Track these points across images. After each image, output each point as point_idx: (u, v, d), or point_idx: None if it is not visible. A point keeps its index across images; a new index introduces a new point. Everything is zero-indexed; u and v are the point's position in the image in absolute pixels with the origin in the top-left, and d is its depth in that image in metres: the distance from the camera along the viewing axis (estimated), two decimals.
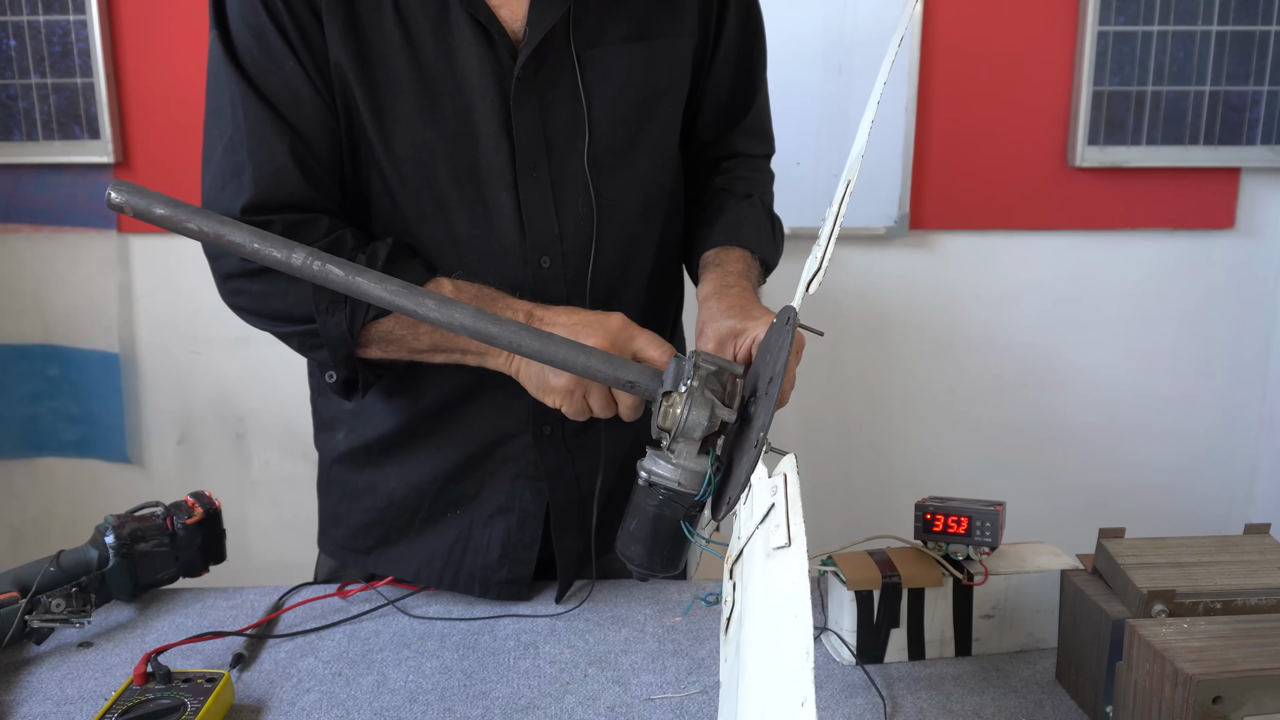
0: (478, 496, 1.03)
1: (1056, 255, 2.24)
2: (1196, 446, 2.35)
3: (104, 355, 2.17)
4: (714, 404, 0.76)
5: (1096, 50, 2.09)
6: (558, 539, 1.04)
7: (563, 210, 0.96)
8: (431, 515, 1.04)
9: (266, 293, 0.91)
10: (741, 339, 0.89)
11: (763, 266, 1.07)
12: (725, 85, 1.07)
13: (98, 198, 2.11)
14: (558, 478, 1.02)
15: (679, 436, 0.77)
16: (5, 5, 2.00)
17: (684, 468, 0.77)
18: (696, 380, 0.77)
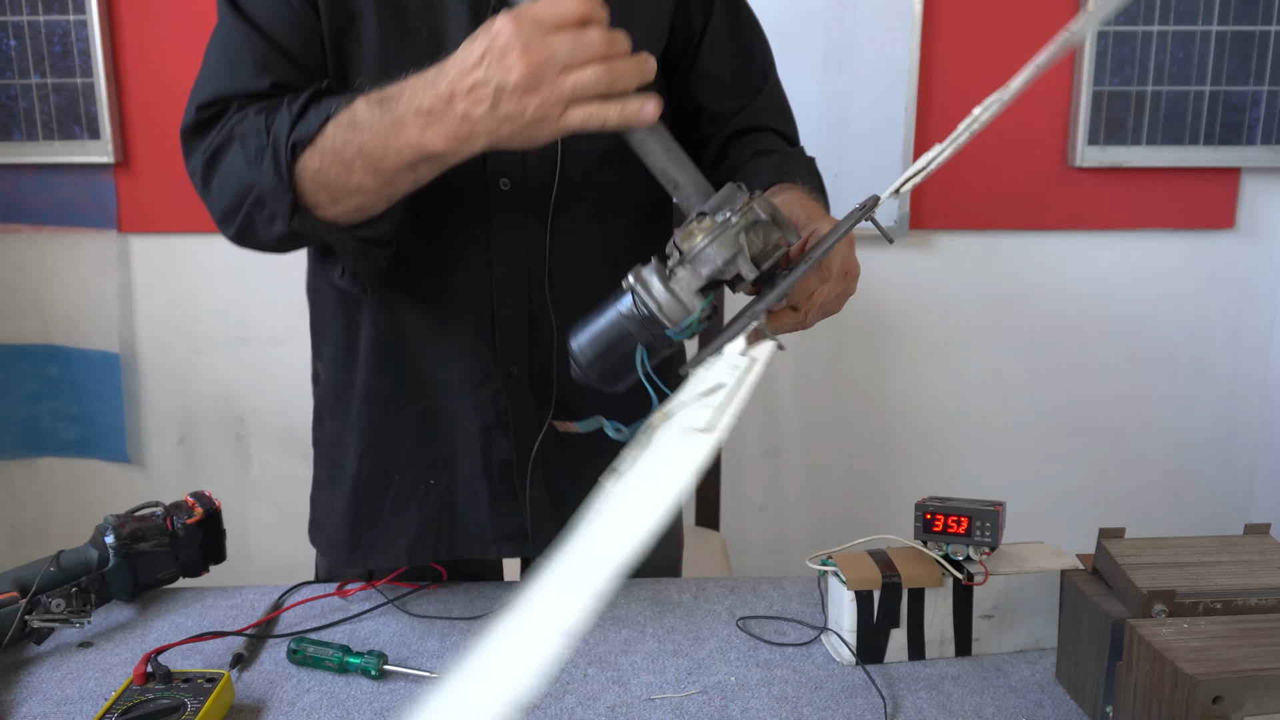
0: (452, 459, 1.02)
1: (1057, 255, 2.24)
2: (1196, 446, 2.35)
3: (104, 355, 2.17)
4: (741, 250, 0.69)
5: (1096, 50, 2.09)
6: (523, 487, 1.03)
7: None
8: (404, 489, 1.03)
9: (222, 182, 0.88)
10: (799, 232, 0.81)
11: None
12: (723, 61, 1.05)
13: (98, 198, 2.11)
14: (524, 421, 1.02)
15: (687, 263, 0.70)
16: (5, 5, 2.00)
17: (675, 296, 0.70)
18: (738, 218, 0.69)
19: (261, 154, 0.83)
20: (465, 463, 1.03)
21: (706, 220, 0.71)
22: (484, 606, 1.01)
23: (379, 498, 1.04)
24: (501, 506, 1.03)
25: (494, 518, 1.03)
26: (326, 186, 0.82)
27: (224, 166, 0.87)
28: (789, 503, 2.35)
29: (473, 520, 1.03)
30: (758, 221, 0.70)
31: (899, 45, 2.07)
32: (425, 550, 1.04)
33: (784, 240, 0.74)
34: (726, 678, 0.88)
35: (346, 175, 0.81)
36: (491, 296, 0.99)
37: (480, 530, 1.03)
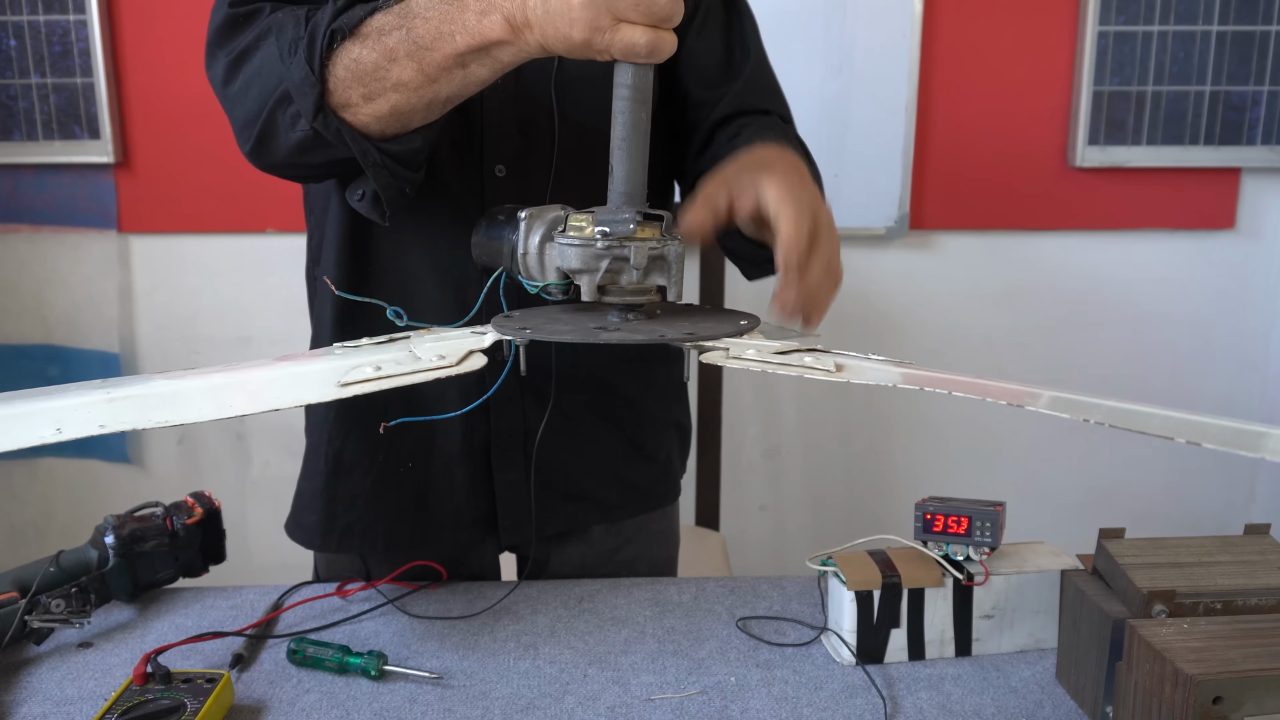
0: (431, 442, 1.03)
1: (1057, 255, 2.24)
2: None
3: (104, 355, 2.17)
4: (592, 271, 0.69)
5: (1097, 50, 2.09)
6: (499, 472, 1.03)
7: (524, 124, 0.96)
8: (385, 472, 1.03)
9: (247, 82, 0.82)
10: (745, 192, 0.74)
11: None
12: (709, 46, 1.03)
13: (98, 197, 2.11)
14: (503, 407, 1.02)
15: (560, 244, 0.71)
16: (5, 5, 2.00)
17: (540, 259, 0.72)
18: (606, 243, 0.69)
19: (296, 45, 0.77)
20: (445, 448, 1.03)
21: (590, 222, 0.71)
22: (483, 607, 1.01)
23: (359, 480, 1.05)
24: (476, 491, 1.04)
25: (470, 501, 1.04)
26: (363, 79, 0.76)
27: (253, 63, 0.82)
28: (789, 503, 2.35)
29: (449, 505, 1.05)
30: (623, 258, 0.70)
31: (899, 45, 2.07)
32: (401, 535, 1.05)
33: (656, 291, 0.73)
34: (726, 678, 0.88)
35: (388, 66, 0.75)
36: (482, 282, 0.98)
37: (455, 515, 1.05)
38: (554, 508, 1.07)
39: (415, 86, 0.76)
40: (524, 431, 1.04)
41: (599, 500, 1.11)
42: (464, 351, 0.68)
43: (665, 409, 1.16)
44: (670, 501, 1.19)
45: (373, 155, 0.80)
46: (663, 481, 1.17)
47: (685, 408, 1.20)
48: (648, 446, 1.13)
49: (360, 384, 0.63)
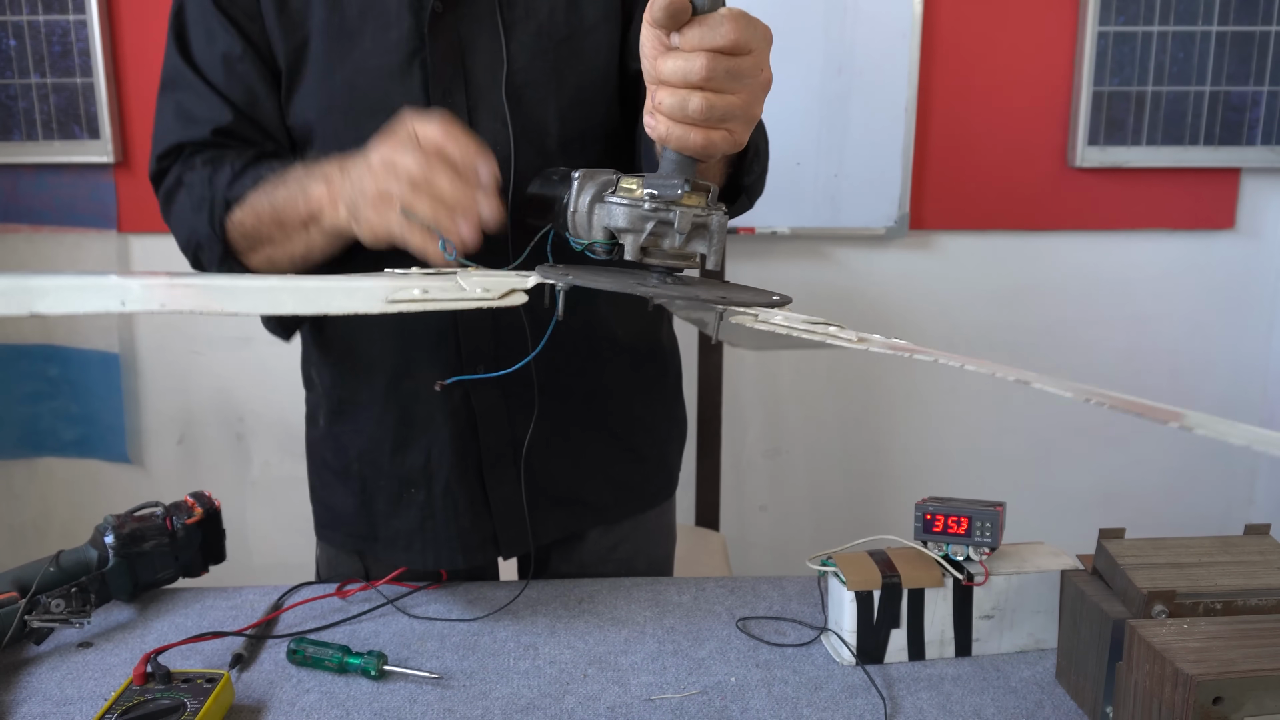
0: (427, 466, 1.04)
1: (1057, 255, 2.24)
2: (1196, 447, 2.35)
3: (104, 355, 2.17)
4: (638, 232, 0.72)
5: (1096, 50, 2.09)
6: (492, 487, 1.04)
7: (478, 131, 0.96)
8: (391, 496, 1.05)
9: (176, 222, 0.98)
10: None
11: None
12: None
13: (98, 197, 2.11)
14: (490, 419, 1.02)
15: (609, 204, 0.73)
16: (5, 5, 2.00)
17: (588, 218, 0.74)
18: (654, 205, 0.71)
19: (201, 205, 0.93)
20: (439, 471, 1.04)
21: (640, 185, 0.72)
22: (484, 607, 1.01)
23: (376, 502, 1.07)
24: (478, 510, 1.05)
25: (474, 523, 1.05)
26: (245, 236, 0.92)
27: (176, 208, 0.97)
28: (789, 503, 2.35)
29: (455, 527, 1.05)
30: (668, 222, 0.71)
31: (899, 45, 2.07)
32: (416, 555, 1.06)
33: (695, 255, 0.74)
34: (726, 678, 0.88)
35: (258, 227, 0.90)
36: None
37: (463, 537, 1.05)
38: (549, 515, 1.07)
39: (278, 243, 0.91)
40: (512, 443, 1.04)
41: (593, 504, 1.11)
42: (507, 288, 0.69)
43: (657, 408, 1.15)
44: (665, 499, 1.19)
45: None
46: (656, 479, 1.17)
47: (679, 405, 1.20)
48: (639, 446, 1.13)
49: (408, 303, 0.65)
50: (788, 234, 2.14)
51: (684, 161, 0.72)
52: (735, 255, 2.14)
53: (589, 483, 1.10)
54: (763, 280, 2.21)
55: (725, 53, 0.66)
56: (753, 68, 0.68)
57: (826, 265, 2.20)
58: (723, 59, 0.66)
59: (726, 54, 0.66)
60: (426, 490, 1.05)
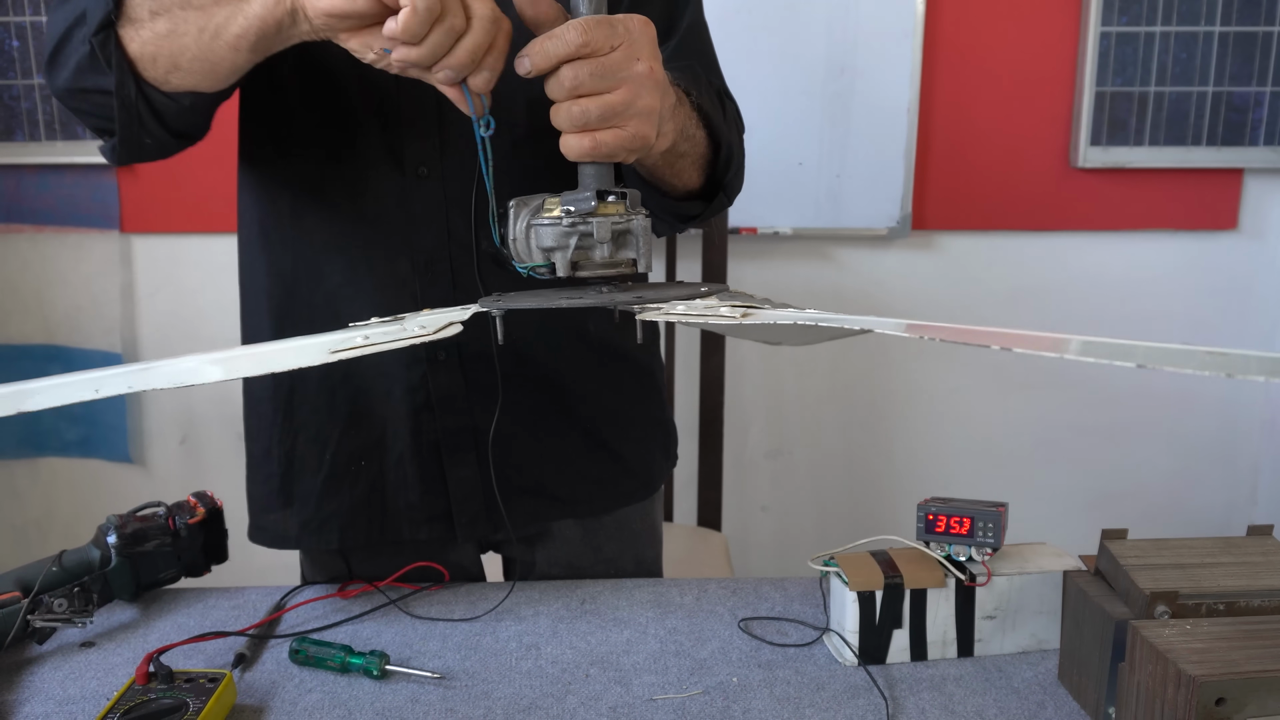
0: (382, 441, 1.03)
1: (1059, 256, 2.24)
2: (1199, 447, 2.35)
3: (106, 355, 2.17)
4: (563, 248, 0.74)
5: (1099, 51, 2.09)
6: (451, 468, 1.04)
7: (444, 123, 0.95)
8: (336, 470, 1.04)
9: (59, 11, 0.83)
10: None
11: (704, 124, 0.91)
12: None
13: (100, 198, 2.11)
14: (449, 404, 1.02)
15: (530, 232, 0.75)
16: (8, 6, 2.00)
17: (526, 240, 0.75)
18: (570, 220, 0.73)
19: None
20: (395, 445, 1.03)
21: (560, 203, 0.74)
22: (485, 607, 1.01)
23: (311, 478, 1.05)
24: (430, 488, 1.04)
25: (424, 499, 1.04)
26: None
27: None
28: (791, 503, 2.35)
29: (403, 502, 1.05)
30: (590, 234, 0.73)
31: (901, 46, 2.07)
32: (357, 532, 1.05)
33: (629, 262, 0.75)
34: (728, 678, 0.88)
35: None
36: (416, 283, 0.99)
37: (410, 512, 1.05)
38: (512, 504, 1.05)
39: (197, 4, 0.77)
40: (473, 429, 1.03)
41: (560, 496, 1.09)
42: (445, 322, 0.71)
43: (630, 406, 1.13)
44: (642, 498, 1.16)
45: (129, 88, 0.81)
46: (631, 478, 1.14)
47: (657, 405, 1.17)
48: (610, 443, 1.10)
49: (349, 350, 0.67)
50: (790, 234, 2.14)
51: (596, 172, 0.75)
52: (737, 255, 2.14)
53: (554, 474, 1.08)
54: (764, 281, 2.21)
55: (581, 57, 0.69)
56: (620, 63, 0.70)
57: (829, 266, 2.20)
58: (582, 64, 0.69)
59: (584, 58, 0.69)
60: (379, 463, 1.04)
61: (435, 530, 1.06)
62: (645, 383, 1.15)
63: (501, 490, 1.04)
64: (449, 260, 0.98)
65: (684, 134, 0.86)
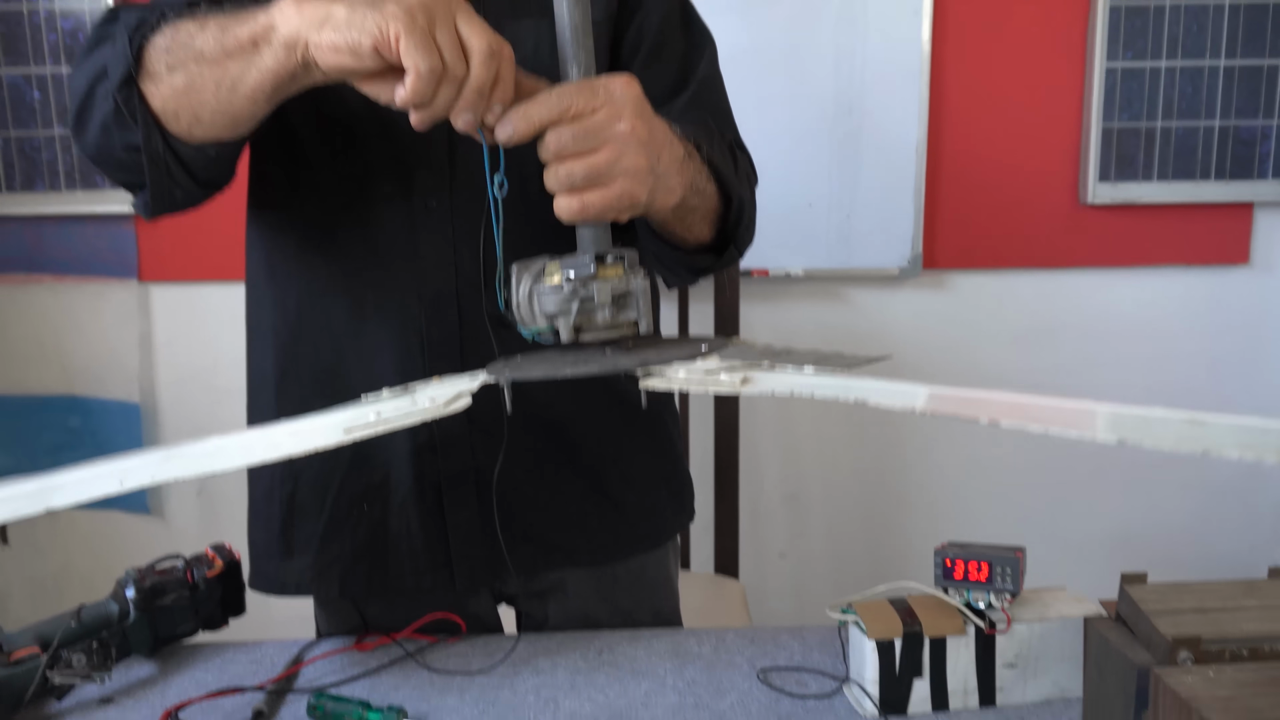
0: (385, 483, 1.02)
1: (1071, 292, 2.24)
2: (1219, 488, 2.33)
3: (124, 405, 2.18)
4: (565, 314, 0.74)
5: (1105, 87, 2.10)
6: (451, 512, 1.03)
7: (454, 156, 0.96)
8: (337, 515, 1.04)
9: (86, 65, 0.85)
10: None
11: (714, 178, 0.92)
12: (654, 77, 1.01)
13: (118, 247, 2.14)
14: (452, 444, 1.01)
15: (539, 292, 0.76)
16: (29, 57, 2.04)
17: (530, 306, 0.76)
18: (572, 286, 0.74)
19: (124, 31, 0.81)
20: (398, 488, 1.03)
21: (559, 268, 0.75)
22: (500, 655, 1.00)
23: (312, 523, 1.05)
24: (431, 533, 1.03)
25: (425, 545, 1.03)
26: (171, 48, 0.79)
27: (99, 50, 0.84)
28: (809, 549, 2.33)
29: (405, 548, 1.04)
30: (590, 299, 0.74)
31: (908, 86, 2.08)
32: (358, 580, 1.04)
33: (631, 323, 0.76)
34: None
35: (196, 33, 0.78)
36: (422, 319, 0.99)
37: (412, 559, 1.04)
38: (513, 550, 1.04)
39: (210, 59, 0.77)
40: (475, 470, 1.02)
41: (558, 543, 1.07)
42: (453, 394, 0.72)
43: (638, 455, 1.11)
44: (648, 549, 1.14)
45: (156, 142, 0.83)
46: (635, 528, 1.12)
47: (669, 455, 1.15)
48: (615, 492, 1.09)
49: (363, 429, 0.68)
50: (801, 275, 2.15)
51: (594, 234, 0.76)
52: (749, 297, 2.15)
53: (553, 521, 1.07)
54: (776, 323, 2.22)
55: (562, 121, 0.72)
56: (602, 125, 0.73)
57: (840, 306, 2.21)
58: (564, 128, 0.72)
59: (566, 123, 0.72)
60: (382, 507, 1.03)
61: (438, 579, 1.04)
62: (655, 432, 1.14)
63: (500, 535, 1.03)
64: (456, 297, 0.99)
65: (694, 188, 0.88)
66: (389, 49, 0.69)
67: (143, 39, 0.80)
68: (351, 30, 0.70)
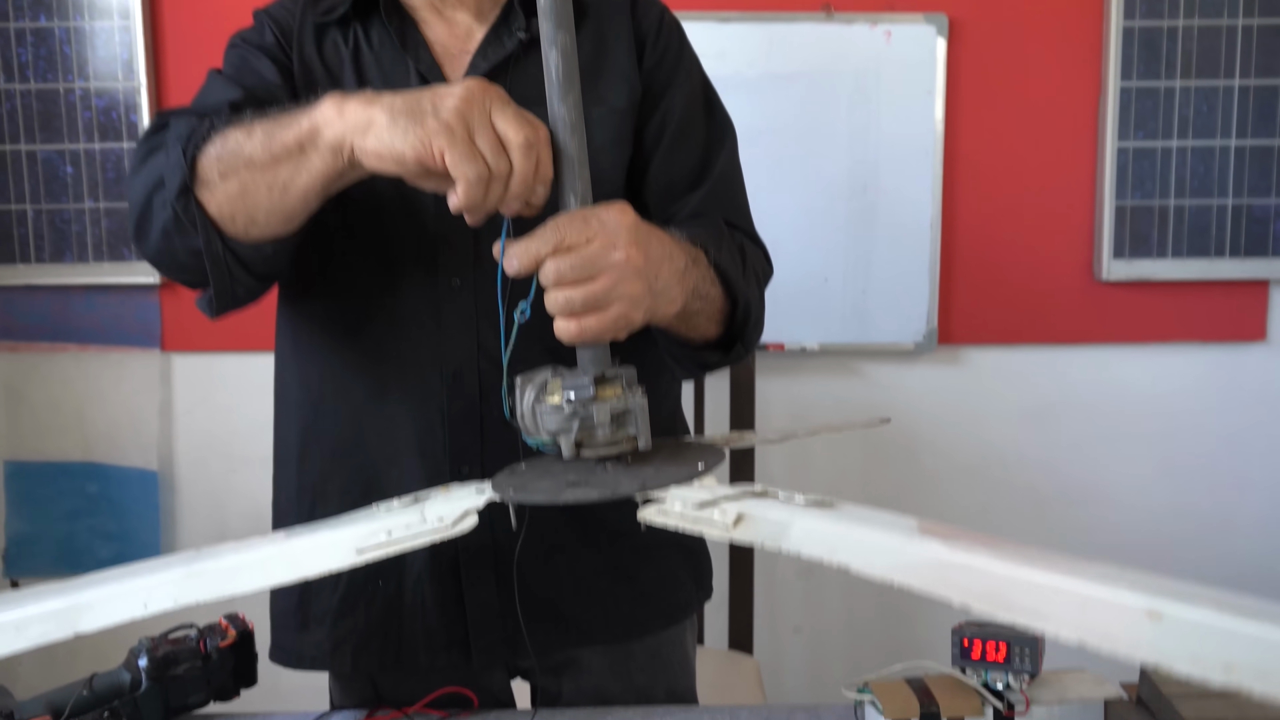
0: (400, 559, 1.02)
1: (1088, 369, 2.24)
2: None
3: (142, 473, 2.20)
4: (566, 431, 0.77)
5: (1117, 165, 2.13)
6: (469, 589, 1.02)
7: (482, 238, 0.98)
8: (353, 590, 1.03)
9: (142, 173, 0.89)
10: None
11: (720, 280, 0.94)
12: (675, 165, 1.05)
13: (142, 317, 2.17)
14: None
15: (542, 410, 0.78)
16: (63, 134, 2.10)
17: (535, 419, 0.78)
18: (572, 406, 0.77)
19: (179, 139, 0.85)
20: (414, 563, 1.03)
21: (560, 387, 0.78)
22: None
23: (328, 596, 1.05)
24: (447, 611, 1.03)
25: (441, 622, 1.03)
26: (223, 156, 0.83)
27: (154, 159, 0.88)
28: (824, 625, 2.30)
29: (420, 625, 1.03)
30: (590, 418, 0.77)
31: (922, 163, 2.12)
32: (371, 656, 1.04)
33: (630, 438, 0.79)
34: None
35: (245, 141, 0.81)
36: (443, 394, 1.00)
37: (428, 636, 1.03)
38: (530, 629, 1.03)
39: (260, 165, 0.81)
40: (493, 547, 1.02)
41: (576, 621, 1.06)
42: (461, 512, 0.74)
43: (655, 533, 1.11)
44: (663, 627, 1.13)
45: (215, 245, 0.86)
46: (652, 606, 1.11)
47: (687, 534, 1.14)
48: (633, 567, 1.08)
49: (374, 549, 0.71)
50: (817, 350, 2.16)
51: (593, 355, 0.79)
52: (765, 371, 2.16)
53: (575, 600, 1.06)
54: (792, 398, 2.22)
55: (560, 252, 0.76)
56: (598, 254, 0.76)
57: (856, 381, 2.21)
58: (562, 258, 0.76)
59: (562, 253, 0.76)
60: (397, 582, 1.03)
61: (453, 657, 1.04)
62: None
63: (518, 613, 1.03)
64: (477, 373, 1.00)
65: (697, 293, 0.90)
66: (433, 161, 0.73)
67: (195, 149, 0.83)
68: (395, 142, 0.74)
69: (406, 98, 0.75)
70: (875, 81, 2.10)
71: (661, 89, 1.05)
